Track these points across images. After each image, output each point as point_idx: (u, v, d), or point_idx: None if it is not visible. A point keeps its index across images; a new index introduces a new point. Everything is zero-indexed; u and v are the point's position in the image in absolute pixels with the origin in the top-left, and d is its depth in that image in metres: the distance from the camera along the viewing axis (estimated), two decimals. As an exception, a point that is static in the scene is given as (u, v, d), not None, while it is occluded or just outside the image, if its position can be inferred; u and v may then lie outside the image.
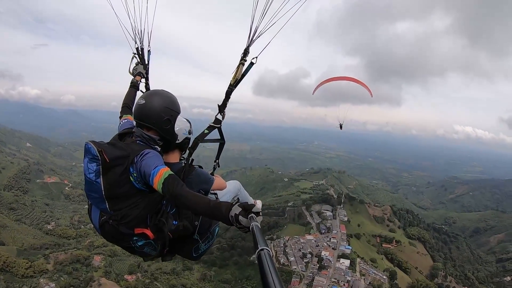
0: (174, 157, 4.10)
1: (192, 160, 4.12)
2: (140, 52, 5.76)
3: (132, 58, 5.72)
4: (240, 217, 2.50)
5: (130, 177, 3.29)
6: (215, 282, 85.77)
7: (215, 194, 4.61)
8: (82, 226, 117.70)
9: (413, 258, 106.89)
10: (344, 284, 79.60)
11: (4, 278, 78.80)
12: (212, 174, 4.83)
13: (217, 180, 4.49)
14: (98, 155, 3.16)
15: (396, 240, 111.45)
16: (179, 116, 3.83)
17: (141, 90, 5.36)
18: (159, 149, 3.69)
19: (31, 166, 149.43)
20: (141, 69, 5.60)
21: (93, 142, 3.27)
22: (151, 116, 3.56)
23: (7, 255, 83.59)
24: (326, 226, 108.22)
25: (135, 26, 5.41)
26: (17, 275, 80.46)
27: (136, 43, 5.67)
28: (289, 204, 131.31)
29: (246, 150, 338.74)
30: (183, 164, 4.02)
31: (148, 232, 3.54)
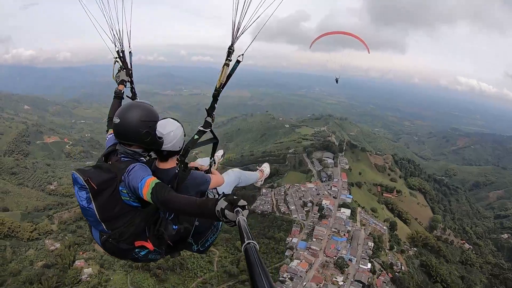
0: (172, 162, 4.10)
1: (187, 164, 4.12)
2: (121, 55, 5.62)
3: (115, 63, 5.63)
4: (226, 211, 2.58)
5: (122, 196, 3.46)
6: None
7: (215, 190, 4.87)
8: None
9: (413, 208, 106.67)
10: (344, 234, 78.63)
11: (10, 243, 79.55)
12: (209, 171, 4.78)
13: (214, 178, 4.52)
14: (86, 184, 3.31)
15: (397, 190, 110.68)
16: (172, 121, 4.06)
17: (126, 95, 5.45)
18: (144, 160, 3.81)
19: (29, 128, 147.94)
20: (124, 76, 5.55)
21: (79, 170, 3.40)
22: (129, 134, 3.58)
23: (11, 221, 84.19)
24: (327, 174, 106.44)
25: (113, 28, 5.24)
26: (23, 239, 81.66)
27: (116, 46, 5.53)
28: (290, 151, 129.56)
29: (246, 97, 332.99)
30: (177, 170, 4.04)
31: (148, 244, 3.79)
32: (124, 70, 5.63)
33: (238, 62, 4.06)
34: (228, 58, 4.03)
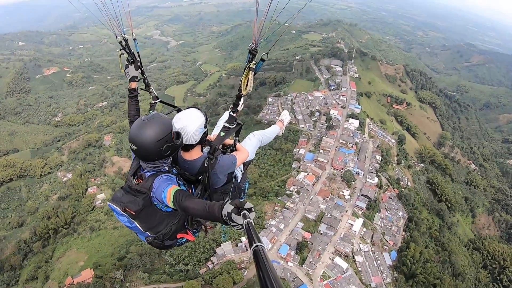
0: (196, 152, 4.39)
1: (212, 158, 4.19)
2: (125, 44, 5.44)
3: (121, 55, 5.46)
4: (233, 215, 2.68)
5: (157, 207, 3.85)
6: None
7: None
8: (89, 109, 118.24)
9: (422, 122, 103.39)
10: (352, 146, 75.19)
11: (24, 183, 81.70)
12: (233, 148, 5.02)
13: (239, 156, 4.76)
14: (124, 213, 3.70)
15: (407, 102, 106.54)
16: (191, 113, 4.21)
17: (140, 88, 5.45)
18: (166, 169, 3.97)
19: (27, 64, 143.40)
20: (133, 72, 5.41)
21: (114, 201, 3.73)
22: (151, 156, 3.72)
23: (22, 160, 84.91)
24: (335, 82, 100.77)
25: (108, 14, 5.07)
26: (36, 176, 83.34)
27: (117, 37, 5.38)
28: (296, 58, 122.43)
29: (250, 2, 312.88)
30: (204, 159, 4.22)
31: (189, 236, 4.35)
32: (133, 64, 5.41)
33: (262, 60, 3.99)
34: (252, 61, 3.93)
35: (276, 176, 70.98)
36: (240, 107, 4.54)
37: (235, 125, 4.58)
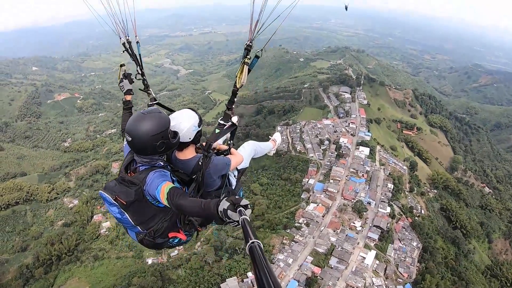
0: (190, 152, 4.32)
1: (206, 156, 4.20)
2: (128, 46, 5.52)
3: (120, 67, 5.54)
4: (229, 212, 2.68)
5: (149, 200, 3.69)
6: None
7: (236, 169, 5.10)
8: (98, 136, 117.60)
9: (433, 147, 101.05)
10: (363, 174, 73.23)
11: (30, 207, 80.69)
12: (228, 152, 4.89)
13: (233, 159, 4.67)
14: (115, 202, 3.54)
15: (417, 127, 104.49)
16: (186, 112, 4.19)
17: (139, 89, 5.53)
18: (162, 164, 3.88)
19: (39, 89, 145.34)
20: (128, 86, 5.42)
21: (106, 190, 3.60)
22: (146, 149, 3.67)
23: (29, 184, 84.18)
24: (344, 109, 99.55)
25: (115, 19, 5.18)
26: (42, 201, 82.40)
27: (120, 38, 5.45)
28: (305, 85, 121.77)
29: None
30: (199, 158, 4.21)
31: (181, 235, 4.17)
32: (127, 78, 5.44)
33: (257, 57, 4.22)
34: (247, 56, 4.13)
35: (285, 207, 69.02)
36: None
37: (230, 123, 4.67)
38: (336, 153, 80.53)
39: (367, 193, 68.33)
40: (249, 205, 2.68)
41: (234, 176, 5.14)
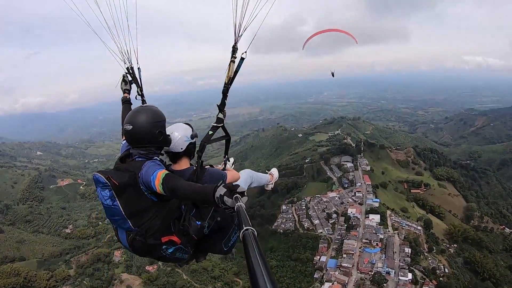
0: (184, 163, 4.31)
1: (202, 162, 4.24)
2: (131, 71, 5.72)
3: (122, 77, 5.73)
4: (225, 198, 2.64)
5: (142, 190, 3.49)
6: (237, 259, 78.70)
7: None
8: (100, 223, 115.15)
9: (445, 200, 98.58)
10: (377, 244, 70.58)
11: None
12: (224, 169, 4.92)
13: (230, 174, 4.63)
14: (107, 182, 3.37)
15: (424, 184, 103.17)
16: (180, 124, 4.34)
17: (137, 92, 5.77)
18: (158, 158, 3.83)
19: (42, 173, 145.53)
20: (124, 86, 5.63)
21: (100, 171, 3.49)
22: (144, 138, 3.68)
23: (27, 270, 79.84)
24: (348, 179, 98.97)
25: (121, 48, 5.37)
26: None
27: (125, 63, 5.65)
28: (306, 160, 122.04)
29: (256, 113, 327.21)
30: (194, 168, 4.16)
31: (175, 238, 3.83)
32: (127, 83, 5.66)
33: (242, 59, 4.22)
34: (234, 55, 4.20)
35: (298, 291, 65.72)
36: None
37: (222, 124, 4.62)
38: (345, 225, 78.47)
39: (384, 263, 65.12)
40: (245, 193, 2.71)
41: None
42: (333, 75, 30.71)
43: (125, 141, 4.34)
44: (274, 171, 7.20)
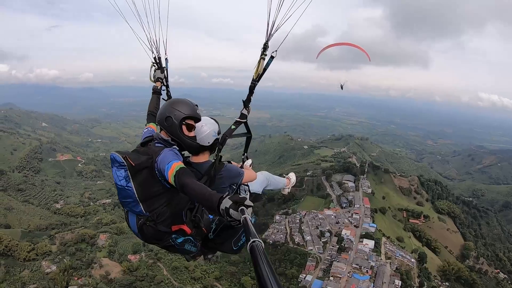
0: (204, 157, 4.29)
1: (221, 156, 4.25)
2: (158, 61, 5.65)
3: (151, 67, 5.67)
4: (231, 211, 2.55)
5: (158, 177, 3.43)
6: (221, 263, 75.15)
7: (247, 185, 4.90)
8: (92, 203, 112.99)
9: (442, 235, 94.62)
10: (367, 271, 66.20)
11: (5, 262, 73.42)
12: (241, 167, 4.87)
13: (247, 172, 4.65)
14: (124, 161, 3.32)
15: (424, 215, 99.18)
16: (208, 118, 4.32)
17: (163, 99, 5.51)
18: (177, 148, 3.74)
19: (43, 145, 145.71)
20: (159, 74, 5.55)
21: (118, 151, 3.43)
22: (159, 115, 3.83)
23: (10, 238, 77.81)
24: (347, 199, 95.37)
25: (150, 37, 5.36)
26: (19, 259, 75.12)
27: (153, 52, 5.61)
28: (307, 173, 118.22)
29: (265, 118, 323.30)
30: (213, 161, 4.16)
31: (185, 227, 3.73)
32: (159, 69, 5.55)
33: (272, 57, 4.12)
34: (264, 53, 4.11)
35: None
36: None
37: (245, 120, 4.52)
38: (337, 246, 74.36)
39: (372, 292, 61.12)
40: (252, 205, 2.55)
41: (245, 192, 4.87)
42: (342, 88, 30.29)
43: (147, 129, 4.43)
44: (292, 176, 6.87)
